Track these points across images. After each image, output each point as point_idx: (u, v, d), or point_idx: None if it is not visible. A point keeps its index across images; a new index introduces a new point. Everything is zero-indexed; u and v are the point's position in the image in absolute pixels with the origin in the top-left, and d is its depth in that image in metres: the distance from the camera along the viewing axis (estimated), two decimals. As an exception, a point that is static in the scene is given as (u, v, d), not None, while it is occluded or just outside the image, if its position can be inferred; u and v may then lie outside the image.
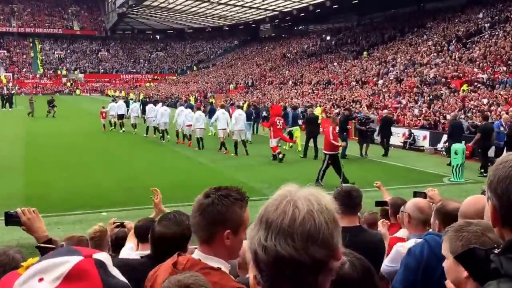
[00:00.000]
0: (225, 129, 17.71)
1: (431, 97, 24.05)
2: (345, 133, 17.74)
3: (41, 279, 0.86)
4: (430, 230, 3.67)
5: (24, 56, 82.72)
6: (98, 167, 15.21)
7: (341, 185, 3.62)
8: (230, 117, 18.36)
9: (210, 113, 22.16)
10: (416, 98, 24.89)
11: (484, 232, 1.88)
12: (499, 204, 1.27)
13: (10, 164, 15.35)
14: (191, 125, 18.92)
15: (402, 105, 24.44)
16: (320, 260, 1.09)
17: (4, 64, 79.07)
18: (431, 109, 21.96)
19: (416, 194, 4.11)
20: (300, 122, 21.14)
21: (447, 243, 1.96)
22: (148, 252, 2.76)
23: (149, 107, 23.38)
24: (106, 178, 13.41)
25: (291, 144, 19.10)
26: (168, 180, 13.16)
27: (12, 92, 51.37)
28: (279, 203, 1.12)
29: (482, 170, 13.80)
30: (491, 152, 14.77)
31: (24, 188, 12.07)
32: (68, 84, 78.23)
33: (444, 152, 17.44)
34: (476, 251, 1.45)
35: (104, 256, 0.98)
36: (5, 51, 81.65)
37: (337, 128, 15.00)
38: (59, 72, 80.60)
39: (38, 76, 79.09)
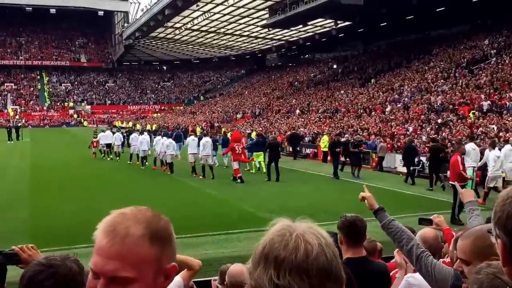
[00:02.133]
0: (195, 153, 19.65)
1: (439, 123, 23.92)
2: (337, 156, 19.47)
3: None
4: (445, 260, 3.51)
5: (31, 88, 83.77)
6: (104, 198, 15.07)
7: (344, 215, 3.50)
8: (198, 144, 20.02)
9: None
10: (423, 125, 24.78)
11: (498, 274, 1.77)
12: (510, 242, 1.21)
13: (15, 197, 15.24)
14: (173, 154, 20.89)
15: (409, 132, 24.30)
16: None
17: (11, 97, 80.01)
18: (439, 136, 21.78)
19: (421, 221, 3.98)
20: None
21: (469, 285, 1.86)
22: None
23: (133, 136, 25.22)
24: (112, 210, 13.21)
25: (258, 167, 21.06)
26: (177, 211, 12.99)
27: (19, 124, 51.79)
28: (288, 239, 1.05)
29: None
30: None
31: (29, 221, 11.90)
32: (75, 116, 78.85)
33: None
34: None
35: None
36: (13, 84, 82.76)
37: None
38: (66, 104, 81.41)
39: (45, 108, 79.86)
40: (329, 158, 22.53)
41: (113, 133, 28.41)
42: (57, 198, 15.05)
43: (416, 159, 18.89)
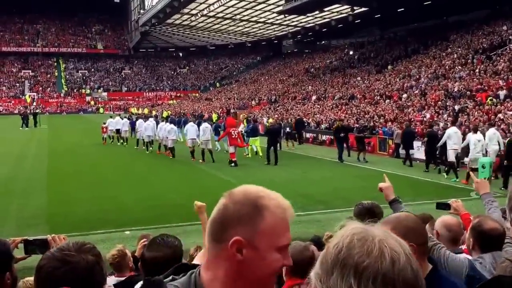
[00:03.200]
0: (194, 139, 20.31)
1: (456, 110, 23.65)
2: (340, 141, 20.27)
3: None
4: (463, 247, 3.50)
5: (49, 75, 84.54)
6: (120, 185, 15.25)
7: (361, 202, 3.49)
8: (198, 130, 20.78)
9: (253, 130, 22.58)
10: (440, 111, 24.53)
11: None
12: None
13: (33, 183, 15.48)
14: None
15: (426, 119, 24.07)
16: None
17: (29, 84, 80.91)
18: (457, 122, 21.54)
19: (439, 205, 3.95)
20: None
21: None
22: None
23: (139, 122, 26.42)
24: (128, 196, 13.39)
25: (256, 151, 21.79)
26: (192, 198, 13.10)
27: (37, 111, 52.39)
28: (371, 244, 0.94)
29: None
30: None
31: (47, 207, 12.13)
32: (92, 102, 79.48)
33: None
34: (501, 279, 1.37)
35: None
36: (30, 71, 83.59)
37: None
38: (83, 91, 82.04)
39: (62, 95, 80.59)
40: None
41: (121, 119, 29.54)
42: (74, 184, 15.25)
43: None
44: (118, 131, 28.36)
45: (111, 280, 4.30)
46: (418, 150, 19.54)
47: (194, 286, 1.32)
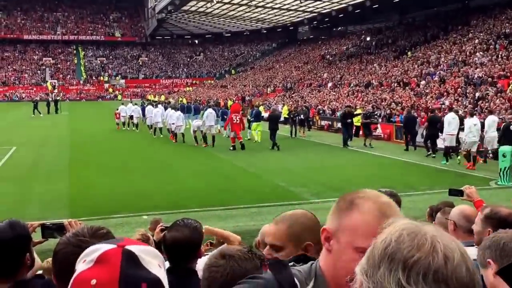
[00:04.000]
0: (199, 125, 20.99)
1: (476, 97, 23.26)
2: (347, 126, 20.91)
3: (84, 261, 1.06)
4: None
5: (68, 63, 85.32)
6: (139, 170, 15.37)
7: (379, 190, 3.43)
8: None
9: (256, 116, 23.36)
10: (460, 98, 24.14)
11: None
12: None
13: (56, 168, 15.72)
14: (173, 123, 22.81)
15: (445, 106, 23.72)
16: None
17: (50, 71, 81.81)
18: (476, 109, 21.20)
19: (451, 192, 3.88)
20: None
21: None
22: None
23: (148, 108, 27.73)
24: (147, 181, 13.50)
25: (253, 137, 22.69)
26: (208, 184, 13.20)
27: (58, 98, 52.95)
28: (422, 239, 0.89)
29: None
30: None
31: (68, 191, 12.30)
32: (110, 90, 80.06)
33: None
34: None
35: (139, 248, 1.06)
36: (51, 59, 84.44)
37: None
38: (101, 78, 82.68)
39: (81, 82, 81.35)
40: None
41: (133, 105, 30.92)
42: (94, 170, 15.47)
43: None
44: (131, 117, 29.54)
45: None
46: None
47: (314, 273, 1.38)
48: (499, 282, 1.55)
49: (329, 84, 41.69)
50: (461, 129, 16.31)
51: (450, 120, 16.35)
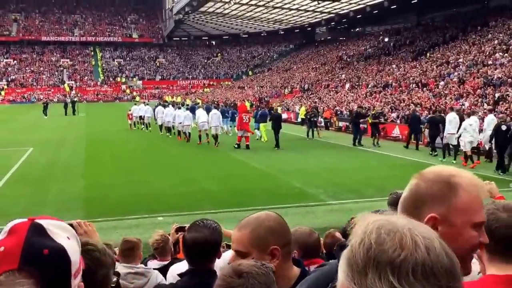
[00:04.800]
0: (205, 122, 21.64)
1: (496, 98, 22.89)
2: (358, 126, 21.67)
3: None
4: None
5: (86, 64, 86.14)
6: (153, 170, 15.43)
7: (395, 191, 3.36)
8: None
9: (262, 116, 23.68)
10: (479, 99, 23.79)
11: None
12: None
13: (72, 169, 15.84)
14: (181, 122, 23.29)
15: (464, 107, 23.40)
16: None
17: (67, 73, 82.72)
18: (496, 110, 20.87)
19: None
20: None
21: None
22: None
23: (158, 108, 28.65)
24: (162, 182, 13.53)
25: (260, 136, 23.27)
26: (224, 185, 13.18)
27: (75, 99, 53.47)
28: (402, 235, 0.87)
29: None
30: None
31: (84, 192, 12.39)
32: (127, 91, 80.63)
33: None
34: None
35: (48, 222, 1.11)
36: (68, 60, 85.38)
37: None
38: (118, 79, 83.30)
39: (99, 83, 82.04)
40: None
41: (145, 105, 31.55)
42: (109, 170, 15.57)
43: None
44: (141, 117, 30.30)
45: (153, 264, 4.37)
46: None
47: None
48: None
49: (347, 85, 41.43)
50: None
51: (450, 120, 17.07)
